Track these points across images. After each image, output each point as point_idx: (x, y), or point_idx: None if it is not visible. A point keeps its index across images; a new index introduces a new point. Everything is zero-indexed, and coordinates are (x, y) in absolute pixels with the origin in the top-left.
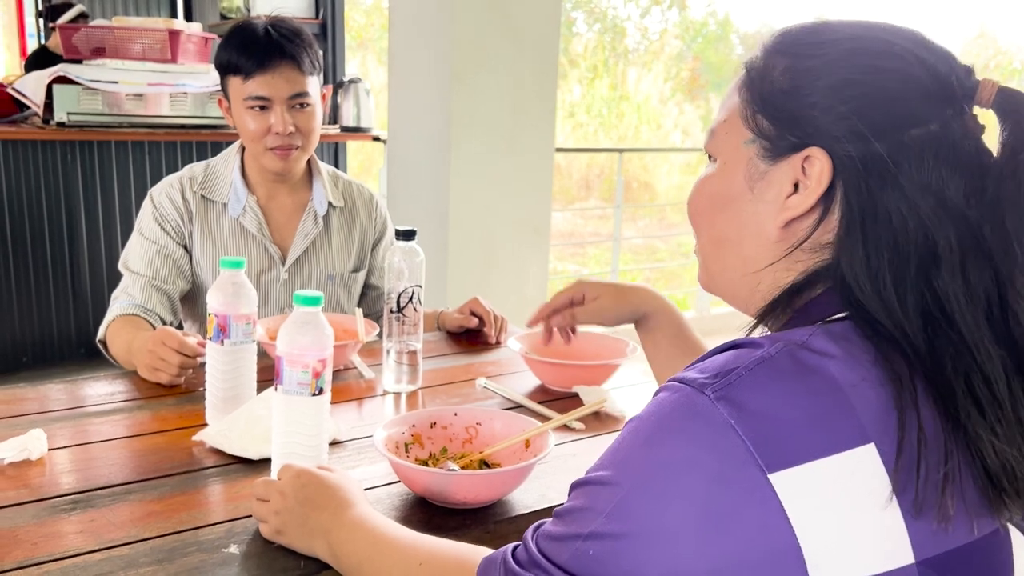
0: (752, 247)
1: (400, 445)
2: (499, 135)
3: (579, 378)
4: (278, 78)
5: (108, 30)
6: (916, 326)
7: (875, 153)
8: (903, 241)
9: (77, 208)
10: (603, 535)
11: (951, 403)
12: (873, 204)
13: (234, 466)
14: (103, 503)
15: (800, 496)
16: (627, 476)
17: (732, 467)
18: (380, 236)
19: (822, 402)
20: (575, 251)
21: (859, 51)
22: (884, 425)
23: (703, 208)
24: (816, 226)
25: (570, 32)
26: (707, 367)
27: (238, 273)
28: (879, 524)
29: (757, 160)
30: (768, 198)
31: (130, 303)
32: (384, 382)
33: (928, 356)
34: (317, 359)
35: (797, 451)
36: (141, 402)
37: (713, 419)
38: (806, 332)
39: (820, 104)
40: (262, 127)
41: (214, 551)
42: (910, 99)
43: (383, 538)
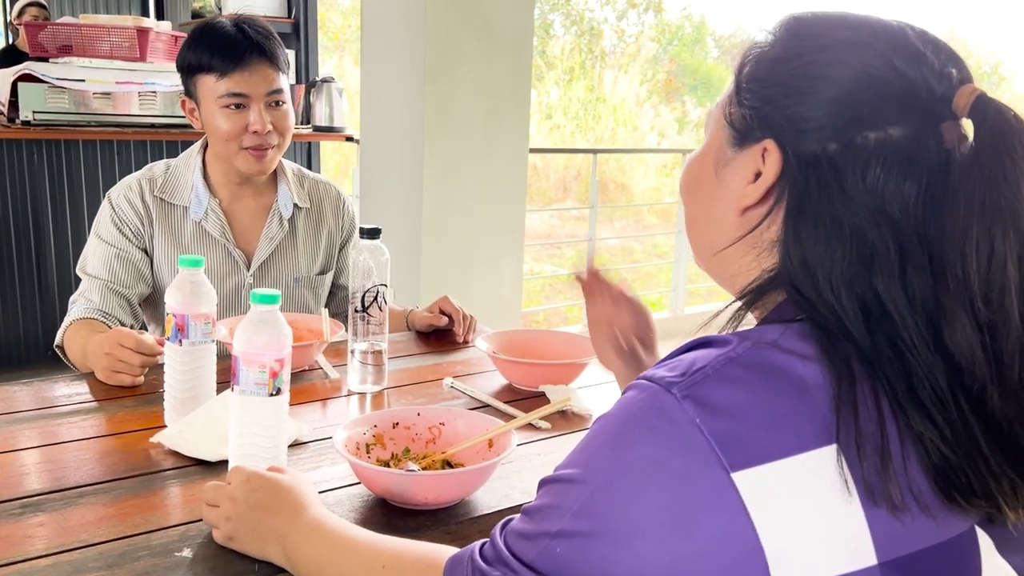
0: (715, 230)
1: (361, 446)
2: (473, 135)
3: (546, 377)
4: (255, 76)
5: (75, 28)
6: (857, 324)
7: (824, 152)
8: (837, 241)
9: (43, 208)
10: (570, 533)
11: (895, 401)
12: (810, 200)
13: (192, 468)
14: (54, 507)
15: (762, 496)
16: (594, 475)
17: (696, 466)
18: (348, 236)
19: (787, 402)
20: (552, 252)
21: (832, 50)
22: (847, 427)
23: (684, 186)
24: (766, 217)
25: (547, 34)
26: (675, 365)
27: (196, 272)
28: (842, 525)
29: (726, 146)
30: (731, 184)
31: (88, 307)
32: (349, 382)
33: (872, 353)
34: (274, 359)
35: (761, 451)
36: (99, 404)
37: (678, 418)
38: (777, 330)
39: (780, 97)
40: (238, 126)
41: (166, 555)
42: (871, 102)
43: (342, 540)
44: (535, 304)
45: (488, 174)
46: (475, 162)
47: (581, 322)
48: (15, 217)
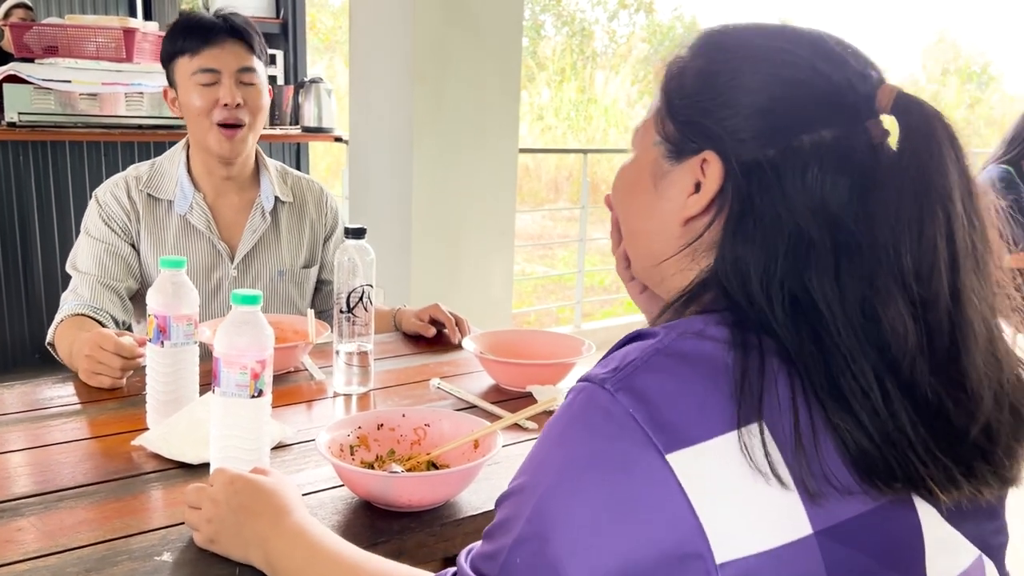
0: (658, 241)
1: (345, 448)
2: (462, 136)
3: (533, 377)
4: (226, 52)
5: (61, 28)
6: (784, 320)
7: (763, 158)
8: (775, 241)
9: (30, 211)
10: (526, 539)
11: (812, 394)
12: (752, 205)
13: (173, 471)
14: (33, 511)
15: (696, 475)
16: (540, 478)
17: (633, 453)
18: (331, 230)
19: (710, 387)
20: (543, 253)
21: (757, 59)
22: (772, 406)
23: (619, 199)
24: (709, 225)
25: (538, 35)
26: (608, 362)
27: (178, 273)
28: (774, 499)
29: (662, 160)
30: (671, 195)
31: (80, 303)
32: (334, 384)
33: (794, 348)
34: (256, 360)
35: (689, 433)
36: (81, 406)
37: (613, 411)
38: (702, 321)
39: (715, 110)
40: (209, 101)
41: (146, 559)
42: (803, 106)
43: (324, 552)
44: (526, 305)
45: (478, 174)
46: (465, 163)
47: (572, 323)
48: (1, 219)
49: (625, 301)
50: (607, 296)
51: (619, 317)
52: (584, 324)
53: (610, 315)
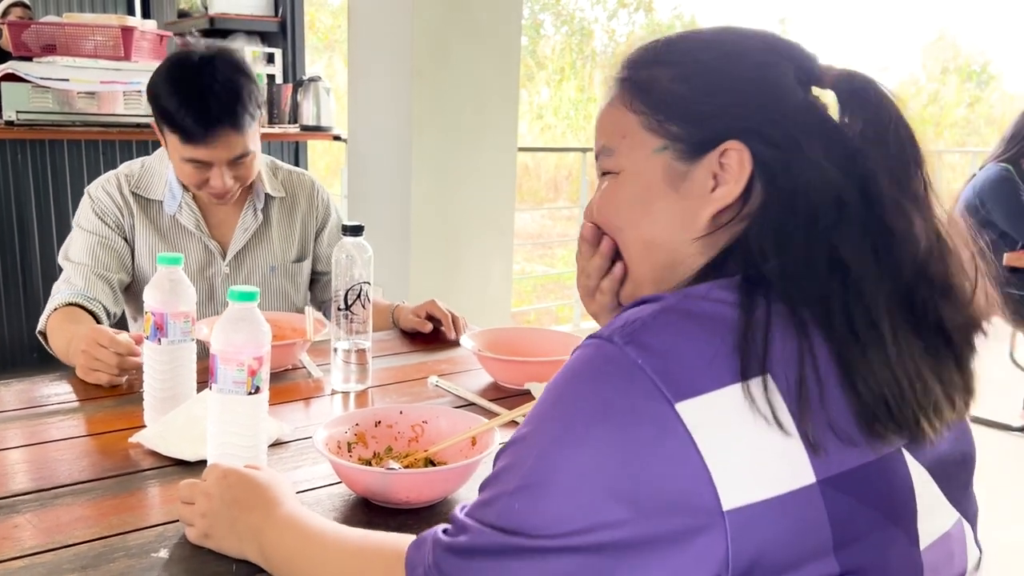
0: (683, 238)
1: (343, 445)
2: (461, 134)
3: (532, 375)
4: (219, 147)
5: (59, 27)
6: (818, 277)
7: (782, 134)
8: (817, 203)
9: (28, 209)
10: (527, 486)
11: (834, 339)
12: (791, 178)
13: (171, 468)
14: (29, 508)
15: (704, 423)
16: (546, 428)
17: (641, 400)
18: (323, 223)
19: (719, 340)
20: (543, 252)
21: (734, 53)
22: (778, 360)
23: (625, 216)
24: (741, 208)
25: (538, 34)
26: (615, 322)
27: (175, 270)
28: (778, 448)
29: (675, 163)
30: (694, 194)
31: (73, 292)
32: (332, 381)
33: (819, 301)
34: (253, 357)
35: (698, 383)
36: (78, 404)
37: (621, 362)
38: (708, 286)
39: (722, 102)
40: (200, 180)
41: (142, 556)
42: (787, 87)
43: (313, 534)
44: (526, 304)
45: (477, 173)
46: (463, 161)
47: (571, 321)
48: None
49: None
50: None
51: None
52: (583, 323)
53: None
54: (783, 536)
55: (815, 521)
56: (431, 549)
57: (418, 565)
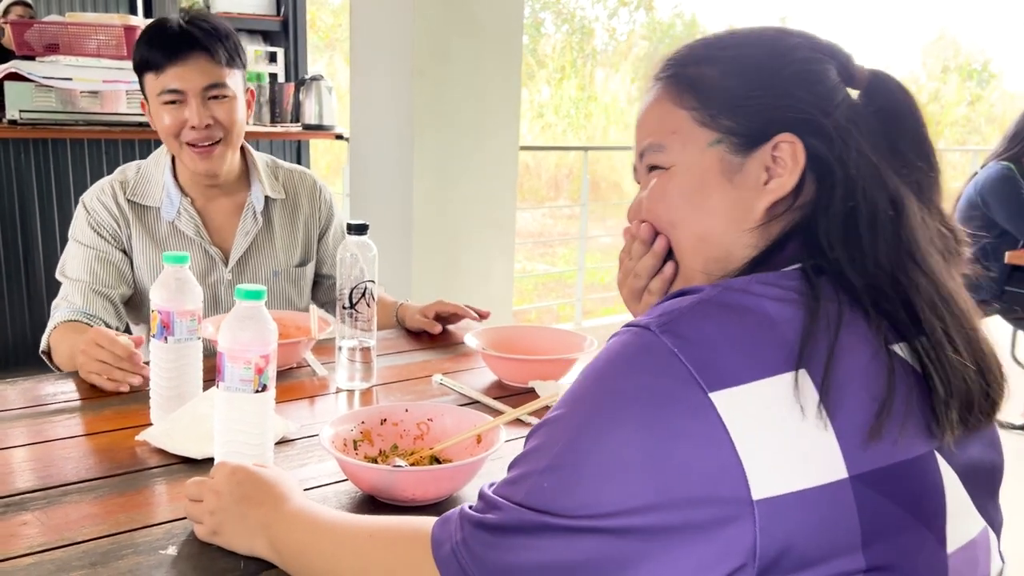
0: (737, 230)
1: (348, 442)
2: (463, 132)
3: (536, 373)
4: (191, 70)
5: (62, 26)
6: (884, 267)
7: (833, 126)
8: (873, 195)
9: (31, 208)
10: (558, 466)
11: (909, 335)
12: (845, 169)
13: (177, 466)
14: (37, 506)
15: (739, 414)
16: (579, 410)
17: (676, 388)
18: (326, 225)
19: (756, 333)
20: (544, 250)
21: (781, 49)
22: (811, 353)
23: (679, 210)
24: (794, 199)
25: (538, 33)
26: (653, 311)
27: (181, 268)
28: (812, 441)
29: (729, 156)
30: (748, 185)
31: (72, 310)
32: (337, 379)
33: (893, 293)
34: (259, 355)
35: (734, 374)
36: (84, 402)
37: (657, 349)
38: (747, 280)
39: (774, 96)
40: (177, 121)
41: (151, 553)
42: (831, 81)
43: (324, 524)
44: (527, 302)
45: (478, 172)
46: (465, 160)
47: (573, 320)
48: (2, 218)
49: None
50: (607, 293)
51: (620, 314)
52: (585, 321)
53: (611, 312)
54: (812, 529)
55: (845, 516)
56: (459, 525)
57: (445, 541)
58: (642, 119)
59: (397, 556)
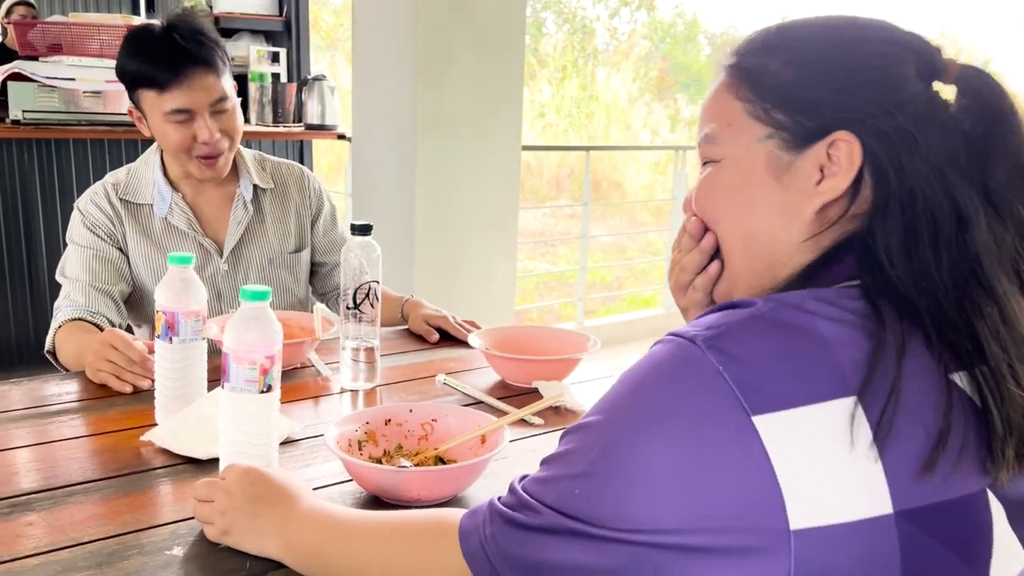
0: (784, 233)
1: (353, 443)
2: (465, 133)
3: (539, 373)
4: (196, 88)
5: (65, 26)
6: (948, 289)
7: (895, 127)
8: (935, 208)
9: (34, 208)
10: (590, 474)
11: (971, 364)
12: (904, 176)
13: (182, 466)
14: (42, 506)
15: (782, 440)
16: (616, 418)
17: (718, 408)
18: (317, 212)
19: (808, 355)
20: (545, 250)
21: (851, 40)
22: (871, 381)
23: (724, 206)
24: (849, 205)
25: (539, 32)
26: (700, 323)
27: (186, 269)
28: (859, 473)
29: (779, 153)
30: (797, 186)
31: (74, 308)
32: (341, 379)
33: (956, 318)
34: (264, 355)
35: (781, 397)
36: (89, 402)
37: (702, 365)
38: (800, 295)
39: (834, 91)
40: (187, 138)
41: (156, 554)
42: (906, 79)
43: (341, 520)
44: (529, 302)
45: (481, 171)
46: (468, 159)
47: (574, 319)
48: (5, 217)
49: (627, 298)
50: (609, 293)
51: (621, 314)
52: (587, 321)
53: (612, 312)
54: (850, 564)
55: (886, 553)
56: (488, 518)
57: (473, 533)
58: (705, 108)
59: (423, 548)
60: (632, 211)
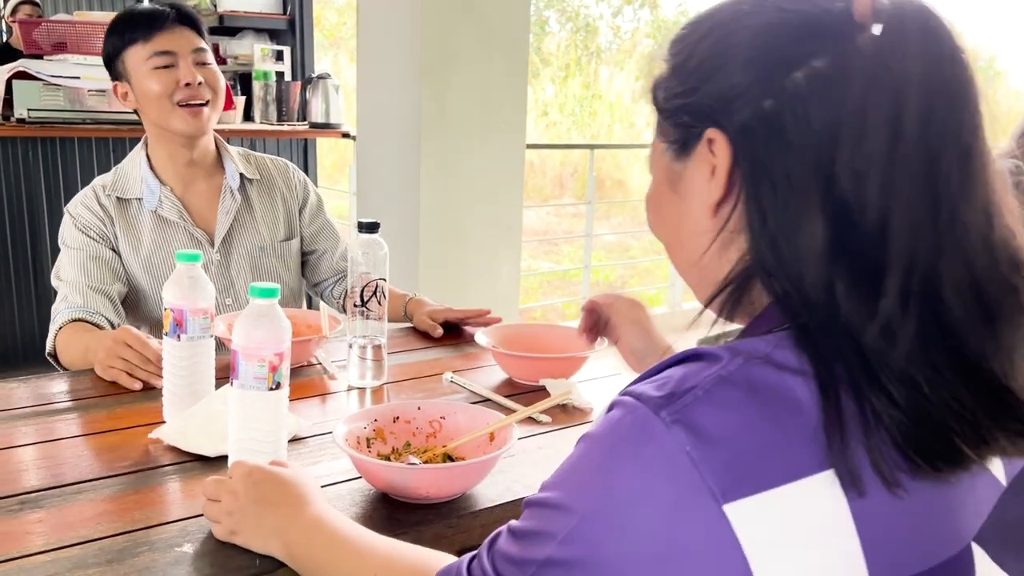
0: (693, 241)
1: (362, 440)
2: (470, 131)
3: (546, 371)
4: (178, 35)
5: (69, 25)
6: (819, 292)
7: (761, 112)
8: (793, 199)
9: (39, 207)
10: (558, 563)
11: (860, 389)
12: (765, 166)
13: (191, 464)
14: (52, 503)
15: (756, 527)
16: (581, 502)
17: (686, 497)
18: (304, 201)
19: (781, 426)
20: (549, 248)
21: (725, 23)
22: (845, 447)
23: (651, 220)
24: (735, 206)
25: (543, 31)
26: (664, 382)
27: (194, 266)
28: (837, 552)
29: (672, 164)
30: (692, 192)
31: (73, 309)
32: (348, 377)
33: (842, 330)
34: (274, 352)
35: (754, 480)
36: (97, 400)
37: (668, 446)
38: (768, 342)
39: (699, 86)
40: (169, 83)
41: (166, 550)
42: (779, 46)
43: (340, 541)
44: (532, 301)
45: (485, 170)
46: (472, 158)
47: (578, 317)
48: (10, 215)
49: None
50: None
51: None
52: None
53: None
54: None
55: None
56: None
57: None
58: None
59: None
60: (636, 210)
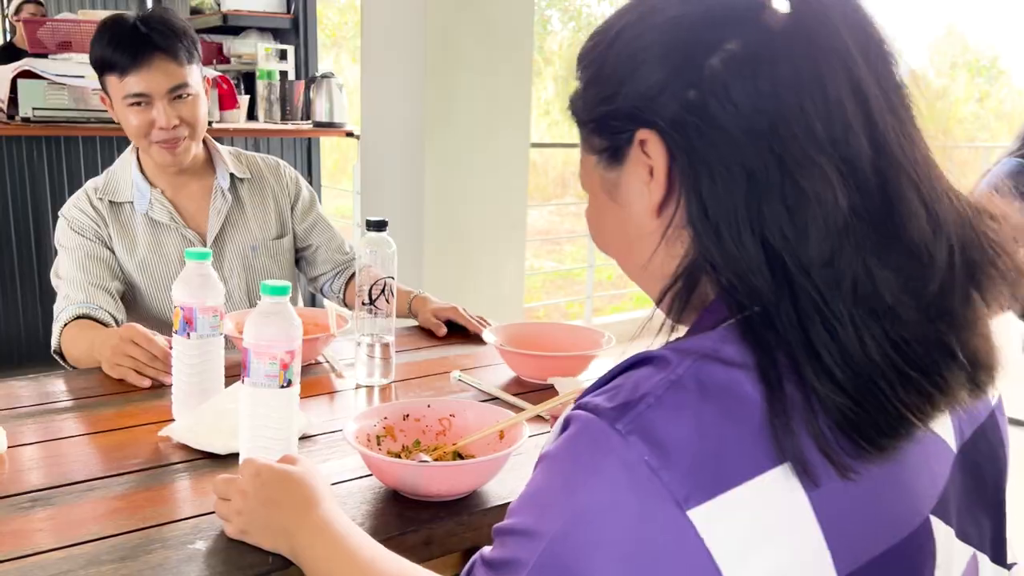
0: (638, 246)
1: (372, 438)
2: (474, 131)
3: (554, 369)
4: (155, 72)
5: (74, 24)
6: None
7: (687, 103)
8: (731, 183)
9: (44, 206)
10: None
11: (802, 367)
12: (699, 158)
13: (201, 461)
14: (64, 500)
15: (720, 529)
16: (547, 526)
17: (650, 507)
18: (295, 197)
19: (736, 424)
20: (552, 248)
21: (622, 31)
22: (795, 439)
23: (595, 237)
24: (677, 204)
25: (545, 30)
26: (615, 392)
27: (204, 265)
28: (801, 544)
29: (606, 174)
30: (632, 198)
31: (76, 306)
32: (356, 375)
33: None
34: (285, 350)
35: (714, 482)
36: (107, 398)
37: (627, 456)
38: (714, 338)
39: (620, 87)
40: (145, 123)
41: (179, 547)
42: (690, 37)
43: (345, 551)
44: (536, 300)
45: (489, 169)
46: (476, 157)
47: (582, 317)
48: (15, 214)
49: (634, 296)
50: (616, 291)
51: (628, 312)
52: (594, 319)
53: (619, 310)
54: None
55: None
56: None
57: None
58: None
59: None
60: None
